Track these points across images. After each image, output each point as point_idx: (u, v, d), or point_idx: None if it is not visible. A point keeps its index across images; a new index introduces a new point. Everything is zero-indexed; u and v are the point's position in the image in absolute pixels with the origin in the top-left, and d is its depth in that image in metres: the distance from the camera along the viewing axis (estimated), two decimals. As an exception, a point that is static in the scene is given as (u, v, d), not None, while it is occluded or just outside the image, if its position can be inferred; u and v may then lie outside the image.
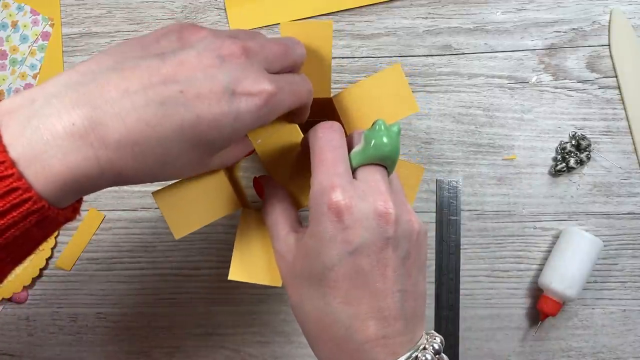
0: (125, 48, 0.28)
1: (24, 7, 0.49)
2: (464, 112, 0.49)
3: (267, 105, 0.29)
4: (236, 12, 0.49)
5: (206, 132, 0.28)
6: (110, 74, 0.26)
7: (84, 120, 0.25)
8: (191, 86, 0.27)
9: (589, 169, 0.49)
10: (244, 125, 0.29)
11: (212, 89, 0.27)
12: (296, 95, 0.32)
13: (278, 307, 0.48)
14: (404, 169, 0.38)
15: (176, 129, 0.27)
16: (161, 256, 0.48)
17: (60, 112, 0.25)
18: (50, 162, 0.24)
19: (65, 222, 0.28)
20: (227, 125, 0.28)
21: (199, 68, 0.27)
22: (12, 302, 0.49)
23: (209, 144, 0.29)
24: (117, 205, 0.49)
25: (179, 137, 0.27)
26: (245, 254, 0.38)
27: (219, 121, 0.28)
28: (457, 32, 0.49)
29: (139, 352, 0.48)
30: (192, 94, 0.27)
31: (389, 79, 0.38)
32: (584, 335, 0.48)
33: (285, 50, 0.32)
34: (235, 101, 0.28)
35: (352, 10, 0.49)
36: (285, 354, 0.48)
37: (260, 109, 0.29)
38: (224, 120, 0.28)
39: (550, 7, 0.49)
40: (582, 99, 0.49)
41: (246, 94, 0.28)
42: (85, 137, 0.25)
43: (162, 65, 0.27)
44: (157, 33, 0.30)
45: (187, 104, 0.27)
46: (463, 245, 0.48)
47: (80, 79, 0.26)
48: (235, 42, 0.29)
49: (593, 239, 0.46)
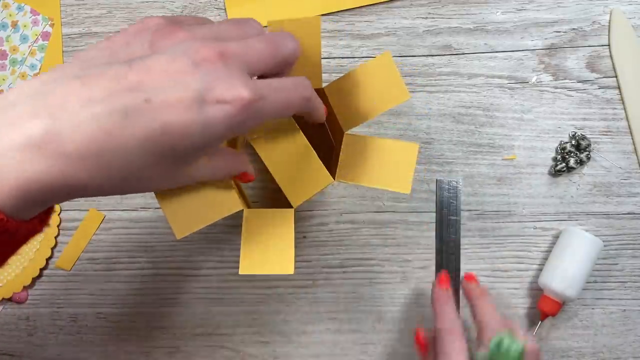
0: (93, 53, 0.27)
1: (24, 7, 0.49)
2: (464, 112, 0.49)
3: (242, 113, 0.27)
4: (236, 12, 0.49)
5: (172, 143, 0.26)
6: (73, 82, 0.25)
7: (42, 131, 0.24)
8: (158, 94, 0.25)
9: (589, 169, 0.49)
10: (214, 135, 0.27)
11: (180, 97, 0.25)
12: (283, 102, 0.30)
13: (278, 307, 0.48)
14: (398, 148, 0.38)
15: (140, 139, 0.25)
16: (161, 256, 0.48)
17: (17, 122, 0.24)
18: (6, 174, 0.24)
19: (32, 234, 0.27)
20: (195, 134, 0.26)
21: (168, 75, 0.26)
22: (12, 302, 0.49)
23: (177, 155, 0.27)
24: (117, 205, 0.49)
25: (143, 148, 0.26)
26: (252, 248, 0.38)
27: (185, 130, 0.26)
28: (457, 32, 0.49)
29: (139, 352, 0.48)
30: (158, 102, 0.25)
31: (379, 67, 0.38)
32: (584, 335, 0.48)
33: (272, 50, 0.30)
34: (205, 109, 0.26)
35: (352, 10, 0.49)
36: (285, 354, 0.48)
37: (233, 117, 0.27)
38: (192, 130, 0.26)
39: (550, 7, 0.49)
40: (582, 99, 0.49)
41: (218, 101, 0.26)
42: (42, 148, 0.24)
43: (129, 71, 0.25)
44: (128, 33, 0.28)
45: (152, 113, 0.25)
46: (463, 245, 0.48)
47: (42, 88, 0.25)
48: (213, 46, 0.27)
49: (593, 239, 0.46)
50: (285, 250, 0.38)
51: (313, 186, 0.39)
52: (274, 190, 0.49)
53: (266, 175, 0.48)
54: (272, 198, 0.49)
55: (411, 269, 0.48)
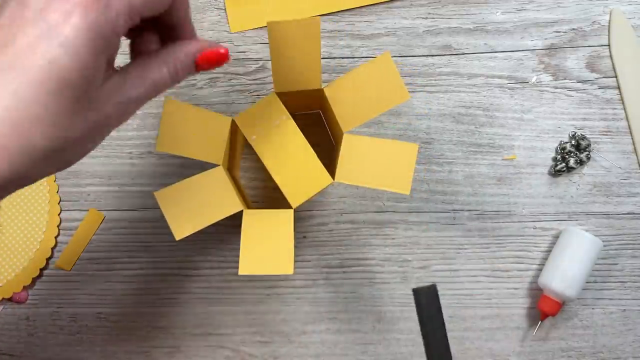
0: None
1: (24, 7, 0.49)
2: (464, 112, 0.49)
3: (92, 10, 0.24)
4: (236, 12, 0.49)
5: (60, 82, 0.24)
6: None
7: None
8: (18, 42, 0.24)
9: (589, 169, 0.49)
10: (83, 46, 0.24)
11: (31, 32, 0.24)
12: None
13: (278, 307, 0.48)
14: (398, 148, 0.38)
15: (29, 86, 0.24)
16: (161, 256, 0.48)
17: None
18: None
19: None
20: (62, 56, 0.24)
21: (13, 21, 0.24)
22: (12, 302, 0.49)
23: (73, 98, 0.25)
24: (117, 205, 0.49)
25: (39, 92, 0.24)
26: (252, 248, 0.38)
27: (54, 58, 0.24)
28: (457, 32, 0.49)
29: (139, 352, 0.48)
30: (13, 58, 0.24)
31: (379, 68, 0.38)
32: (584, 335, 0.48)
33: None
34: (52, 28, 0.24)
35: (352, 10, 0.49)
36: (285, 354, 0.48)
37: (84, 17, 0.24)
38: (57, 54, 0.24)
39: (550, 7, 0.49)
40: (582, 99, 0.49)
41: (59, 13, 0.24)
42: None
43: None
44: None
45: (14, 71, 0.24)
46: (463, 246, 0.48)
47: None
48: None
49: (593, 239, 0.46)
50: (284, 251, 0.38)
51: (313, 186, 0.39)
52: (273, 190, 0.49)
53: (266, 175, 0.48)
54: (271, 198, 0.49)
55: (411, 269, 0.48)
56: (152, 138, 0.49)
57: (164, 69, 0.29)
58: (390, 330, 0.48)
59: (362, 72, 0.39)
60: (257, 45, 0.49)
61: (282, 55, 0.38)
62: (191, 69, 0.30)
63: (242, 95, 0.49)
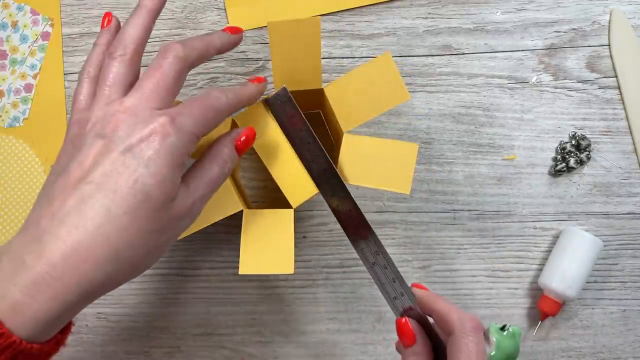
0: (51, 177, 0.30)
1: (24, 7, 0.49)
2: (464, 112, 0.49)
3: (168, 135, 0.29)
4: (236, 12, 0.49)
5: (146, 199, 0.28)
6: (40, 210, 0.28)
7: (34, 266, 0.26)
8: (106, 181, 0.28)
9: (589, 169, 0.49)
10: (165, 165, 0.29)
11: (114, 163, 0.28)
12: (205, 103, 0.32)
13: (278, 307, 0.48)
14: (398, 148, 0.38)
15: (131, 218, 0.28)
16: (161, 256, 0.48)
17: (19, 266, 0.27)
18: (22, 308, 0.26)
19: (48, 355, 0.28)
20: (145, 176, 0.28)
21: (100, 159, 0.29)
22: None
23: (157, 206, 0.29)
24: (117, 205, 0.49)
25: (137, 227, 0.28)
26: (252, 248, 0.38)
27: (139, 181, 0.28)
28: (457, 32, 0.49)
29: (139, 352, 0.48)
30: (102, 181, 0.28)
31: (379, 67, 0.38)
32: (584, 335, 0.48)
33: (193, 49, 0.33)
34: (136, 153, 0.28)
35: (352, 10, 0.49)
36: (285, 354, 0.48)
37: (162, 141, 0.29)
38: (142, 177, 0.28)
39: (550, 7, 0.49)
40: (582, 99, 0.49)
41: (141, 141, 0.29)
42: (42, 280, 0.26)
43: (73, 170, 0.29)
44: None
45: (103, 192, 0.28)
46: (463, 246, 0.48)
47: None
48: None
49: (593, 239, 0.46)
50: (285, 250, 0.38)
51: (313, 187, 0.39)
52: (273, 190, 0.49)
53: (266, 175, 0.48)
54: (271, 198, 0.49)
55: (411, 269, 0.48)
56: (152, 138, 0.49)
57: (215, 168, 0.33)
58: (390, 330, 0.48)
59: (362, 72, 0.39)
60: (257, 45, 0.49)
61: (282, 55, 0.38)
62: (236, 157, 0.34)
63: (242, 95, 0.49)
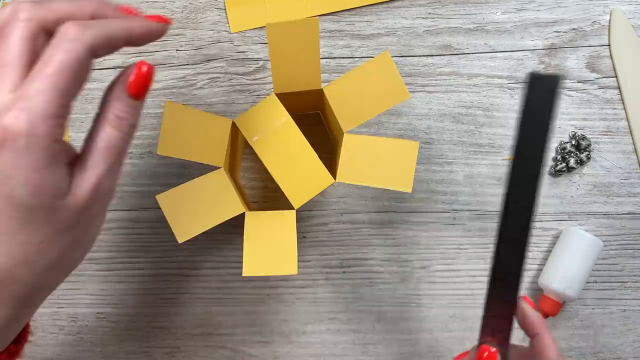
0: None
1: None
2: (464, 112, 0.49)
3: (20, 136, 0.23)
4: (236, 12, 0.49)
5: (26, 211, 0.24)
6: None
7: None
8: None
9: (589, 169, 0.49)
10: (31, 170, 0.23)
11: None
12: (58, 64, 0.23)
13: (278, 307, 0.48)
14: (399, 147, 0.38)
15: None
16: (161, 256, 0.48)
17: None
18: None
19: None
20: (20, 192, 0.24)
21: None
22: (12, 302, 0.48)
23: (45, 214, 0.24)
24: (117, 205, 0.49)
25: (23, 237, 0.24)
26: (255, 250, 0.38)
27: (9, 196, 0.24)
28: (457, 32, 0.49)
29: (139, 352, 0.48)
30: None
31: (378, 67, 0.38)
32: (584, 335, 0.48)
33: None
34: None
35: (352, 10, 0.49)
36: (285, 354, 0.48)
37: (13, 146, 0.23)
38: (8, 189, 0.23)
39: (550, 7, 0.49)
40: (582, 99, 0.49)
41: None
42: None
43: None
44: None
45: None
46: (463, 246, 0.48)
47: None
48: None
49: (593, 239, 0.46)
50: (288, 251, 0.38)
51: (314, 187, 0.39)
52: (273, 190, 0.49)
53: (265, 175, 0.48)
54: (271, 198, 0.49)
55: (411, 269, 0.48)
56: (152, 138, 0.49)
57: (110, 130, 0.26)
58: (390, 330, 0.48)
59: (362, 71, 0.39)
60: (257, 45, 0.49)
61: (281, 56, 0.38)
62: (134, 106, 0.26)
63: (242, 95, 0.49)
